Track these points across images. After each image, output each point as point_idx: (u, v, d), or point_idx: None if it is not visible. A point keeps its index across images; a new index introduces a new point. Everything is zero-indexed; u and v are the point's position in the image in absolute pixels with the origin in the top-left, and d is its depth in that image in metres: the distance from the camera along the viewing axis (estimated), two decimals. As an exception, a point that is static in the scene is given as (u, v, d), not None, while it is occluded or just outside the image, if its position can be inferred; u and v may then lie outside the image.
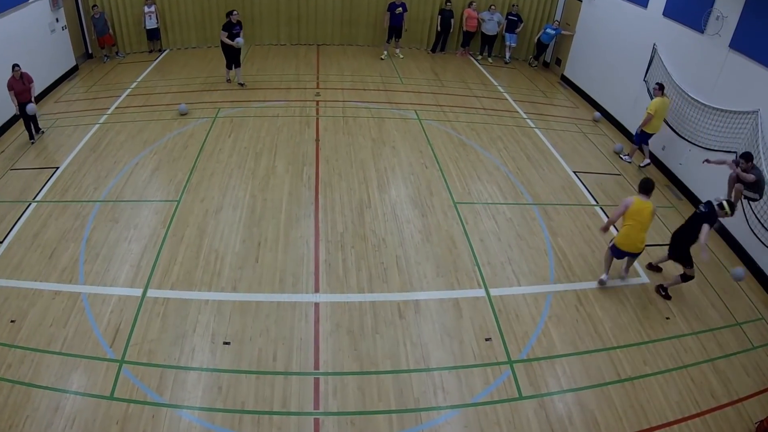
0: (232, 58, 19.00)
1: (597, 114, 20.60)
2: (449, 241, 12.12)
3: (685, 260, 11.05)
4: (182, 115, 15.32)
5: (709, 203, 10.75)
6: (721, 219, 11.13)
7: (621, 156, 17.03)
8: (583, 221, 13.43)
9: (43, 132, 15.38)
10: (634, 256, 11.32)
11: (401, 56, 24.26)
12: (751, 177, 12.06)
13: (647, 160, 16.69)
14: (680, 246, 11.05)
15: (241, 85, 19.49)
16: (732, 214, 10.72)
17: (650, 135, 16.15)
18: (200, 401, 8.18)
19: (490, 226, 12.82)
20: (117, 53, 21.89)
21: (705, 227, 10.40)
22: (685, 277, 11.14)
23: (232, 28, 18.24)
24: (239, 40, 18.23)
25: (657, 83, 15.95)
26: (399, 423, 8.21)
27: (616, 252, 11.19)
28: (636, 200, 10.78)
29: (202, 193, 12.98)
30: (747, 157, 12.05)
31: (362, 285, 10.68)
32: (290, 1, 23.69)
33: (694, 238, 10.67)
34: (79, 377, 8.40)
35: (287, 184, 13.55)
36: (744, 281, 12.14)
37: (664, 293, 11.43)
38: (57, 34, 18.77)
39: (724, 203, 10.53)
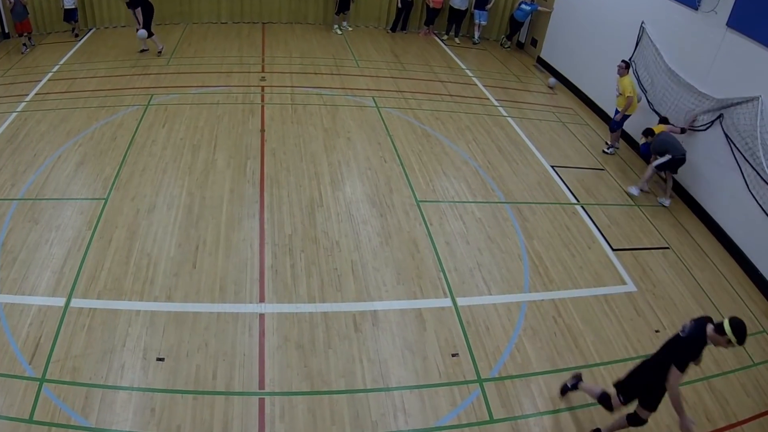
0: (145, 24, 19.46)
1: (552, 80, 20.97)
2: (411, 245, 12.26)
3: (649, 402, 8.20)
4: None
5: (698, 322, 7.72)
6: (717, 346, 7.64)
7: (605, 150, 17.35)
8: (562, 222, 13.68)
9: None
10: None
11: (349, 28, 24.63)
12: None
13: (617, 145, 17.49)
14: (648, 387, 8.11)
15: (159, 53, 20.17)
16: (740, 342, 7.24)
17: (629, 116, 16.62)
18: (130, 424, 8.18)
19: (457, 227, 13.00)
20: (27, 42, 20.59)
21: (674, 372, 7.50)
22: (634, 419, 8.30)
23: None
24: (141, 32, 18.74)
25: (624, 61, 16.41)
26: (354, 448, 8.31)
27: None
28: None
29: (133, 191, 12.94)
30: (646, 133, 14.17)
31: (313, 294, 10.75)
32: (232, -28, 23.69)
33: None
34: (-6, 398, 8.38)
35: (228, 180, 13.58)
36: (743, 289, 12.52)
37: None
38: (-33, 11, 18.50)
39: (726, 325, 7.26)
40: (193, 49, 21.36)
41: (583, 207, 14.35)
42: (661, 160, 14.43)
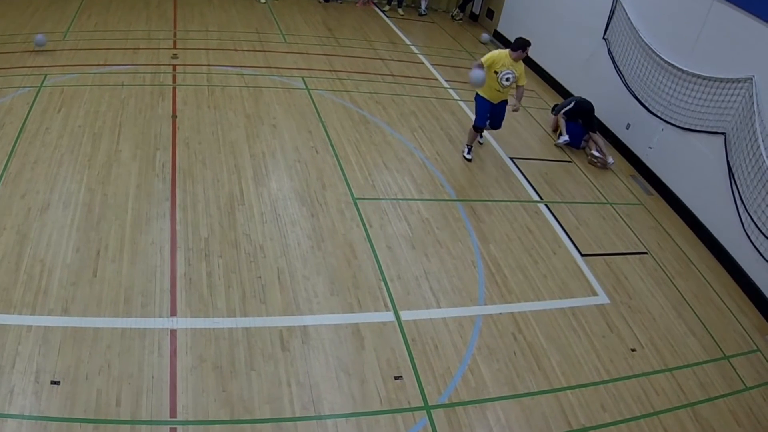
0: None
1: (485, 35, 21.22)
2: (347, 249, 12.34)
3: None
4: None
5: None
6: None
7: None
8: (523, 223, 13.89)
9: None
10: None
11: None
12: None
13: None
14: None
15: None
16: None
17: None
18: (21, 459, 8.14)
19: (400, 229, 13.12)
20: None
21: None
22: None
23: None
24: (40, 38, 18.17)
25: (524, 40, 14.92)
26: (281, 483, 8.37)
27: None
28: None
29: (23, 187, 12.76)
30: None
31: (233, 306, 10.73)
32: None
33: None
34: None
35: (135, 174, 13.47)
36: (733, 301, 12.75)
37: None
38: None
39: None
40: (93, 21, 21.07)
41: (547, 205, 14.60)
42: (567, 107, 16.86)
